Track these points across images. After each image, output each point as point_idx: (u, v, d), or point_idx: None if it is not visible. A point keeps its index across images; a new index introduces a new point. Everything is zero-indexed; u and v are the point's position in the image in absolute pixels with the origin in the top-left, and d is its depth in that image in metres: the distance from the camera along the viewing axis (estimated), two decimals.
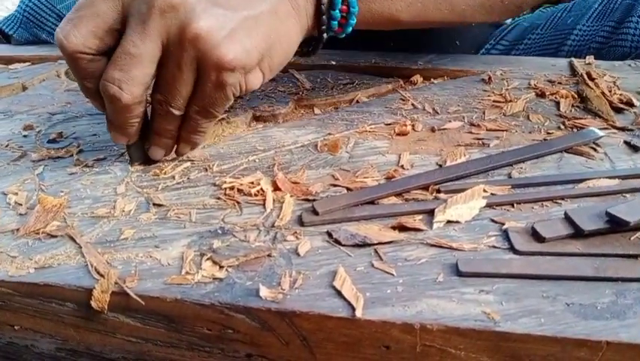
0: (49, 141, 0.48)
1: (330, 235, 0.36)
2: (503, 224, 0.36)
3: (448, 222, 0.36)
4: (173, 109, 0.42)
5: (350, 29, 0.47)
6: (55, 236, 0.37)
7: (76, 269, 0.34)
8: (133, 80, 0.39)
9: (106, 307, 0.32)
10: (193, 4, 0.39)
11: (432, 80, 0.59)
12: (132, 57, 0.39)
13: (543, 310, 0.29)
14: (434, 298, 0.30)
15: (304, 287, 0.32)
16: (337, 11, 0.46)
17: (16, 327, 0.36)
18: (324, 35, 0.47)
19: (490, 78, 0.57)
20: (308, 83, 0.57)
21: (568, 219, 0.35)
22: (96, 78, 0.40)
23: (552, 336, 0.28)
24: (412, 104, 0.52)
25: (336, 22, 0.46)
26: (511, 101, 0.52)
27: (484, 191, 0.38)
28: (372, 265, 0.33)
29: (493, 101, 0.52)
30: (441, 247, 0.34)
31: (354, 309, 0.30)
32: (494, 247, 0.34)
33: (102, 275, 0.33)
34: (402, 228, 0.36)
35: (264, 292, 0.31)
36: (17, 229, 0.37)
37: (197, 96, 0.42)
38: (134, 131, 0.43)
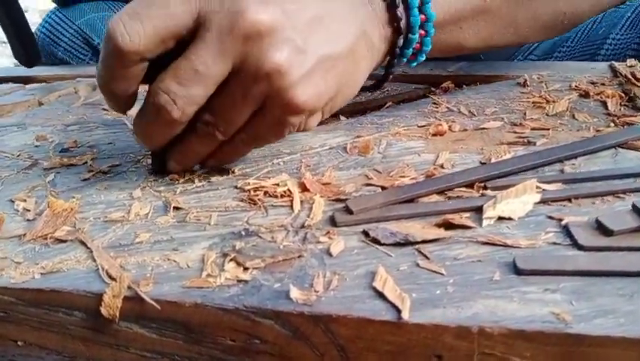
0: (62, 150, 0.46)
1: (366, 233, 0.32)
2: (562, 220, 0.32)
3: (499, 218, 0.32)
4: (219, 134, 0.37)
5: (414, 65, 0.45)
6: (65, 241, 0.33)
7: (86, 274, 0.30)
8: (190, 98, 0.35)
9: (117, 314, 0.28)
10: (280, 35, 0.35)
11: (464, 86, 0.56)
12: (197, 75, 0.35)
13: (620, 310, 0.25)
14: (491, 299, 0.26)
15: (340, 289, 0.28)
16: (410, 50, 0.43)
17: (19, 343, 0.32)
18: (390, 72, 0.45)
19: (526, 81, 0.53)
20: None
21: (637, 210, 0.31)
22: (131, 83, 0.37)
23: (636, 338, 0.24)
24: (447, 107, 0.49)
25: (405, 59, 0.44)
26: (553, 101, 0.48)
27: (537, 186, 0.34)
28: (417, 265, 0.29)
29: (533, 102, 0.49)
30: (494, 244, 0.30)
31: (399, 311, 0.26)
32: (554, 243, 0.30)
33: (114, 279, 0.29)
34: (448, 225, 0.32)
35: (295, 293, 0.27)
36: (24, 235, 0.34)
37: (250, 126, 0.38)
38: (163, 144, 0.39)
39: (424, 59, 0.45)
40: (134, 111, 0.39)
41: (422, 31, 0.43)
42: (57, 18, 0.79)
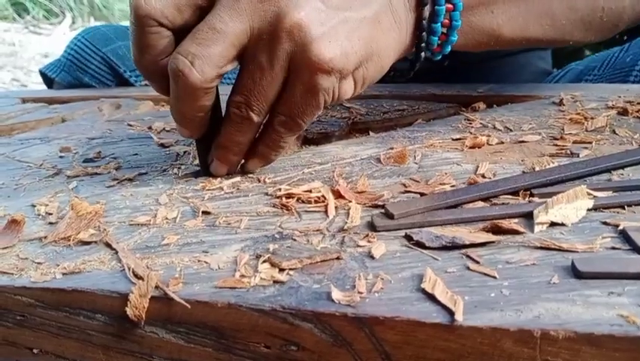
0: (85, 161, 0.45)
1: (409, 237, 0.30)
2: (618, 225, 0.30)
3: (552, 224, 0.30)
4: (254, 114, 0.37)
5: (448, 48, 0.43)
6: (88, 243, 0.32)
7: (110, 274, 0.28)
8: (209, 58, 0.34)
9: (143, 315, 0.26)
10: None
11: (494, 105, 0.55)
12: (215, 32, 0.34)
13: None
14: (552, 302, 0.24)
15: (385, 291, 0.26)
16: (439, 24, 0.41)
17: (35, 350, 0.30)
18: (422, 54, 0.43)
19: (562, 100, 0.52)
20: (362, 108, 0.53)
21: None
22: (158, 54, 0.36)
23: None
24: (480, 123, 0.47)
25: (436, 38, 0.42)
26: (591, 118, 0.46)
27: (587, 193, 0.32)
28: (467, 268, 0.27)
29: (570, 119, 0.47)
30: (548, 248, 0.28)
31: (452, 314, 0.24)
32: (613, 248, 0.28)
33: (141, 278, 0.27)
34: (496, 230, 0.30)
35: (337, 294, 0.25)
36: (45, 237, 0.32)
37: (283, 102, 0.37)
38: (198, 126, 0.38)
39: (455, 39, 0.43)
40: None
41: (449, 5, 0.42)
42: (83, 45, 0.80)
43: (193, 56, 0.34)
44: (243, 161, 0.40)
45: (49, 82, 0.84)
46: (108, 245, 0.31)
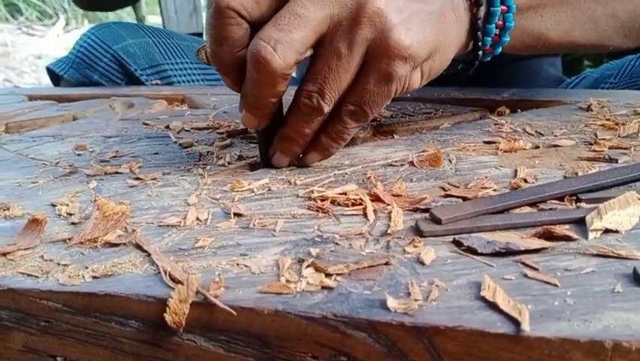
0: (103, 160, 0.43)
1: (458, 243, 0.28)
2: None
3: (605, 231, 0.29)
4: (325, 103, 0.36)
5: (500, 49, 0.44)
6: (117, 245, 0.30)
7: (145, 278, 0.27)
8: (291, 43, 0.34)
9: (183, 322, 0.25)
10: None
11: (519, 110, 0.54)
12: (297, 18, 0.34)
13: None
14: (620, 311, 0.23)
15: (443, 299, 0.24)
16: (493, 25, 0.42)
17: (59, 358, 0.28)
18: (479, 53, 0.43)
19: (591, 105, 0.51)
20: (387, 111, 0.52)
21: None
22: (235, 46, 0.35)
23: None
24: (510, 128, 0.46)
25: (489, 39, 0.43)
26: (622, 124, 0.45)
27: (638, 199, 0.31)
28: (525, 275, 0.26)
29: (601, 124, 0.46)
30: (606, 256, 0.27)
31: (517, 324, 0.22)
32: None
33: (180, 282, 0.26)
34: (548, 236, 0.29)
35: (393, 302, 0.24)
36: (70, 238, 0.31)
37: (354, 91, 0.37)
38: (268, 114, 0.38)
39: (507, 40, 0.44)
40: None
41: (504, 7, 0.42)
42: (92, 42, 0.78)
43: (275, 42, 0.34)
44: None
45: (55, 79, 0.82)
46: (138, 247, 0.29)
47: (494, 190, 0.34)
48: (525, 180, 0.35)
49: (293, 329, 0.24)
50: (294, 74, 0.38)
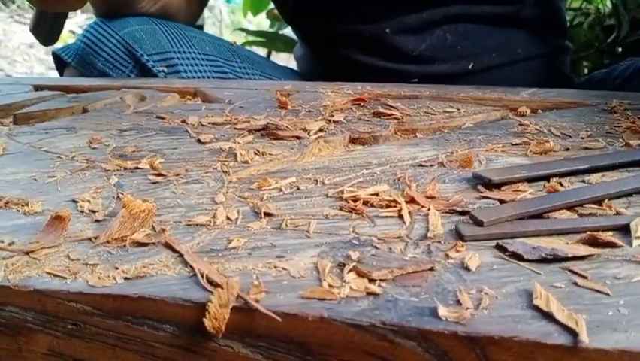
0: (121, 155, 0.41)
1: (502, 248, 0.27)
2: None
3: None
4: None
5: None
6: (146, 244, 0.29)
7: (179, 280, 0.26)
8: None
9: (223, 327, 0.24)
10: None
11: (539, 111, 0.53)
12: None
13: None
14: None
15: (494, 308, 0.23)
16: None
17: None
18: None
19: (615, 107, 0.50)
20: (408, 109, 0.51)
21: None
22: None
23: None
24: (536, 129, 0.45)
25: None
26: None
27: None
28: (575, 283, 0.25)
29: (626, 127, 0.46)
30: None
31: (574, 335, 0.21)
32: None
33: (218, 285, 0.24)
34: (594, 243, 0.28)
35: (444, 311, 0.23)
36: (96, 237, 0.29)
37: None
38: None
39: None
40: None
41: None
42: (99, 28, 0.76)
43: None
44: None
45: (61, 65, 0.80)
46: (169, 247, 0.28)
47: (530, 193, 0.33)
48: (561, 184, 0.34)
49: (338, 336, 0.23)
50: (296, 68, 0.36)
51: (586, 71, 1.72)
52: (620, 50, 2.00)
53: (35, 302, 0.26)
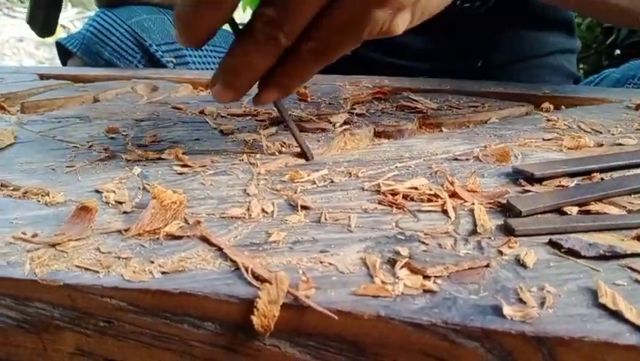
0: (140, 145, 0.40)
1: (556, 244, 0.26)
2: None
3: None
4: (283, 35, 0.30)
5: None
6: (180, 237, 0.27)
7: (221, 274, 0.24)
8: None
9: (272, 325, 0.22)
10: None
11: (562, 107, 0.52)
12: None
13: None
14: None
15: (559, 306, 0.22)
16: None
17: None
18: None
19: (639, 105, 0.49)
20: (432, 103, 0.50)
21: None
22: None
23: None
24: (565, 124, 0.44)
25: None
26: None
27: None
28: (637, 281, 0.24)
29: None
30: None
31: None
32: None
33: (266, 281, 0.23)
34: None
35: (509, 310, 0.21)
36: (126, 229, 0.28)
37: (320, 25, 0.30)
38: (212, 32, 0.32)
39: None
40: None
41: None
42: (106, 17, 0.74)
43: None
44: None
45: (65, 55, 0.77)
46: (205, 240, 0.27)
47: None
48: (602, 180, 0.33)
49: (395, 336, 0.22)
50: None
51: (580, 72, 1.73)
52: (618, 51, 2.01)
53: (65, 298, 0.25)
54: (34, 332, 0.26)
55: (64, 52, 0.78)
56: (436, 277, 0.24)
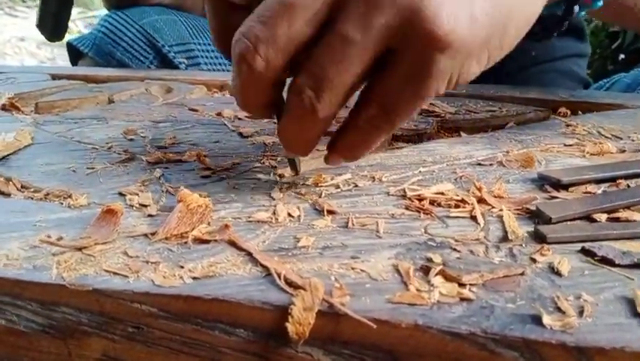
0: (160, 147, 0.39)
1: (590, 252, 0.26)
2: None
3: None
4: (320, 106, 0.27)
5: (600, 3, 0.36)
6: (208, 241, 0.27)
7: (253, 280, 0.24)
8: (275, 40, 0.26)
9: (307, 333, 0.22)
10: None
11: (579, 112, 0.52)
12: (283, 6, 0.26)
13: None
14: None
15: (596, 316, 0.22)
16: None
17: None
18: (575, 8, 0.35)
19: None
20: (449, 107, 0.49)
21: None
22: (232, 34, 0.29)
23: None
24: (584, 130, 0.44)
25: None
26: None
27: None
28: None
29: None
30: None
31: None
32: None
33: (300, 287, 0.23)
34: None
35: (548, 319, 0.21)
36: (153, 233, 0.27)
37: (376, 89, 0.28)
38: (265, 114, 0.31)
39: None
40: None
41: None
42: (118, 17, 0.74)
43: (256, 39, 0.27)
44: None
45: (75, 56, 0.77)
46: (233, 244, 0.27)
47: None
48: (628, 186, 0.33)
49: (432, 345, 0.22)
50: None
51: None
52: (623, 56, 2.01)
53: (93, 303, 0.24)
54: (59, 338, 0.26)
55: (74, 52, 0.77)
56: (471, 284, 0.23)
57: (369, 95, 0.28)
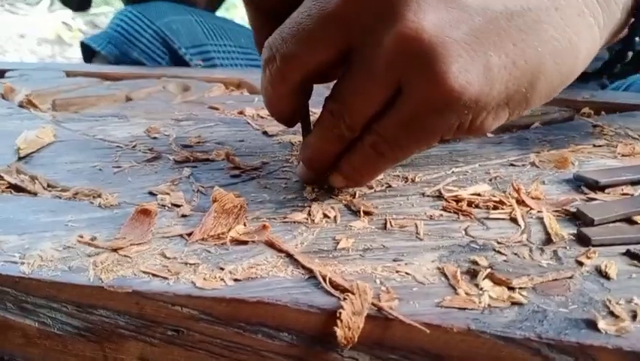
0: (185, 146, 0.39)
1: (635, 255, 0.25)
2: None
3: None
4: (345, 127, 0.28)
5: None
6: (245, 242, 0.26)
7: (296, 283, 0.23)
8: (293, 59, 0.27)
9: (356, 338, 0.21)
10: None
11: (602, 113, 0.51)
12: (301, 27, 0.27)
13: None
14: None
15: None
16: None
17: None
18: (636, 40, 0.33)
19: None
20: None
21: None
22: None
23: None
24: (611, 130, 0.43)
25: None
26: None
27: None
28: None
29: None
30: None
31: None
32: None
33: (347, 290, 0.22)
34: None
35: (604, 324, 0.21)
36: (189, 234, 0.27)
37: (382, 120, 0.27)
38: (288, 115, 0.32)
39: None
40: None
41: None
42: (133, 17, 0.73)
43: (277, 52, 0.28)
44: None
45: (89, 55, 0.76)
46: (271, 245, 0.26)
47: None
48: None
49: (484, 350, 0.21)
50: None
51: None
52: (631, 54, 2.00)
53: (132, 305, 0.24)
54: (95, 341, 0.25)
55: (88, 52, 0.77)
56: (520, 288, 0.23)
57: (374, 126, 0.28)
